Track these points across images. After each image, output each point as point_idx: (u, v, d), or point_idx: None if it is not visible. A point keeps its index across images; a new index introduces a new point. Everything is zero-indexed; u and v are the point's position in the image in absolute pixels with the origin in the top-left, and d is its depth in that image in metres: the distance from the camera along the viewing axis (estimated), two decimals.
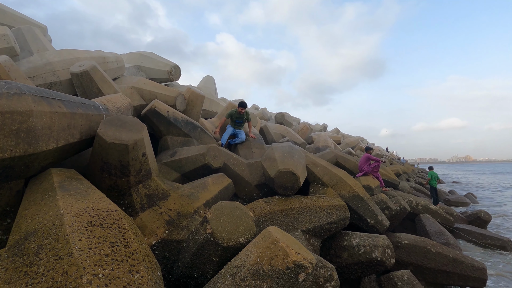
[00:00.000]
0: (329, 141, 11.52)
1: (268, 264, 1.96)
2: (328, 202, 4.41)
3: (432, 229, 7.23)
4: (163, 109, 5.21)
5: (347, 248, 4.23)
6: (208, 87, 9.58)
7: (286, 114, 11.80)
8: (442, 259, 5.30)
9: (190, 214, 3.21)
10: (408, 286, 3.89)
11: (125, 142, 2.81)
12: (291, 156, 4.74)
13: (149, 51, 7.83)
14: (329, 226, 4.20)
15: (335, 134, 16.69)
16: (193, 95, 6.19)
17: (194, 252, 2.49)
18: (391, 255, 4.12)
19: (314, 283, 2.96)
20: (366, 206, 5.33)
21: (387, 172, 11.67)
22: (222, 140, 6.18)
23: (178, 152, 4.91)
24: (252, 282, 1.93)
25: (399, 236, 5.66)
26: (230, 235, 2.39)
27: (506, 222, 11.63)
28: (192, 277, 2.56)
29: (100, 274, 1.60)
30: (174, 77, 7.08)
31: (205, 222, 2.49)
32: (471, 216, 9.90)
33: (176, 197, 3.33)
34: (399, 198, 6.88)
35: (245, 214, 2.55)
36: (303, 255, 1.99)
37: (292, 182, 4.30)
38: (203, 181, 3.91)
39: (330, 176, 5.72)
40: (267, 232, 2.14)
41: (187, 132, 5.39)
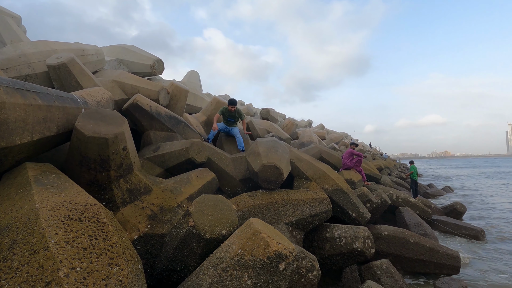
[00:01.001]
0: (313, 136, 11.68)
1: (250, 254, 1.99)
2: (311, 195, 4.50)
3: (411, 221, 7.50)
4: (146, 104, 5.12)
5: (329, 240, 4.34)
6: (193, 82, 9.46)
7: (272, 110, 11.86)
8: (419, 249, 5.53)
9: (173, 209, 3.20)
10: (387, 274, 4.04)
11: (104, 136, 2.75)
12: (275, 151, 4.79)
13: (131, 44, 7.63)
14: (312, 218, 4.29)
15: (319, 130, 16.94)
16: (177, 89, 6.11)
17: (177, 245, 2.48)
18: (371, 245, 4.26)
19: (297, 273, 3.03)
20: (348, 199, 5.47)
21: (369, 166, 11.99)
22: (209, 135, 6.13)
23: (161, 147, 4.85)
24: (234, 272, 1.96)
25: (380, 228, 5.84)
26: (212, 227, 2.40)
27: (479, 213, 12.23)
28: (174, 271, 2.56)
29: (77, 268, 1.57)
30: (157, 71, 6.95)
31: (187, 215, 2.49)
32: (447, 208, 10.35)
33: (158, 192, 3.30)
34: (380, 191, 7.09)
35: (227, 207, 2.57)
36: (284, 245, 2.03)
37: (276, 176, 4.35)
38: (186, 175, 3.89)
39: (313, 171, 5.81)
40: (248, 224, 2.17)
41: (170, 127, 5.32)
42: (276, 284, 1.95)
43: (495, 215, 11.90)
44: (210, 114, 7.22)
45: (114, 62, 6.90)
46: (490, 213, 12.36)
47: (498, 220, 10.99)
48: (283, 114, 17.69)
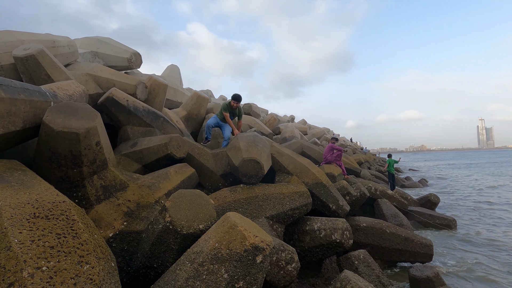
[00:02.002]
0: (295, 131, 11.79)
1: (227, 248, 1.98)
2: (292, 189, 4.54)
3: (388, 212, 7.77)
4: (122, 98, 4.96)
5: (309, 232, 4.41)
6: (173, 76, 9.25)
7: (254, 105, 11.84)
8: (395, 239, 5.74)
9: (150, 205, 3.13)
10: (364, 264, 4.16)
11: (75, 131, 2.64)
12: (256, 145, 4.79)
13: (108, 37, 7.34)
14: (292, 212, 4.34)
15: (302, 125, 17.13)
16: (155, 83, 5.95)
17: (153, 241, 2.43)
18: (349, 236, 4.37)
19: (276, 265, 3.06)
20: (328, 192, 5.58)
21: (349, 161, 12.27)
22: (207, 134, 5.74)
23: (139, 143, 4.72)
24: (211, 266, 1.94)
25: (358, 220, 6.01)
26: (189, 222, 2.37)
27: (452, 203, 12.88)
28: (151, 267, 2.51)
29: (43, 267, 1.50)
30: (135, 64, 6.72)
31: (164, 211, 2.44)
32: (422, 199, 10.79)
33: (135, 188, 3.21)
34: (359, 184, 7.28)
35: (205, 202, 2.54)
36: (261, 238, 2.04)
37: (256, 170, 4.36)
38: (165, 171, 3.81)
39: (295, 165, 5.87)
40: (226, 218, 2.16)
41: (148, 122, 5.19)
42: (253, 276, 1.96)
43: (465, 204, 12.58)
44: (191, 109, 7.10)
45: (89, 54, 6.61)
46: (460, 203, 13.05)
47: (467, 209, 11.64)
48: (266, 109, 17.73)
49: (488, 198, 14.09)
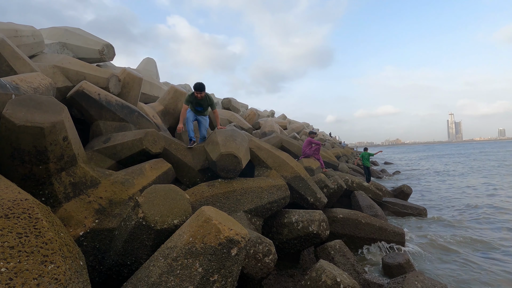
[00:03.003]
0: (275, 126, 11.86)
1: (201, 242, 1.96)
2: (270, 182, 4.58)
3: (364, 203, 8.05)
4: (93, 91, 4.74)
5: (287, 225, 4.47)
6: (149, 70, 8.96)
7: (233, 100, 11.76)
8: (370, 228, 5.96)
9: (123, 201, 3.03)
10: (340, 253, 4.29)
11: (39, 125, 2.49)
12: (234, 140, 4.77)
13: (77, 27, 6.96)
14: (270, 205, 4.37)
15: (281, 120, 17.25)
16: (129, 77, 5.73)
17: (126, 238, 2.37)
18: (326, 227, 4.49)
19: (253, 258, 3.09)
20: (306, 185, 5.68)
21: (328, 154, 12.54)
22: (189, 133, 5.11)
23: (112, 138, 4.55)
24: (185, 261, 1.92)
25: (335, 211, 6.18)
26: (163, 217, 2.32)
27: (422, 193, 13.57)
28: (125, 265, 2.44)
29: (2, 268, 1.42)
30: (107, 57, 6.43)
31: (136, 207, 2.38)
32: (396, 190, 11.28)
33: (107, 184, 3.10)
34: (336, 177, 7.47)
35: (180, 196, 2.50)
36: (236, 231, 2.04)
37: (234, 164, 4.34)
38: (139, 166, 3.71)
39: (273, 159, 5.92)
40: (200, 212, 2.14)
41: (122, 117, 5.01)
42: (228, 269, 1.96)
43: (434, 194, 13.31)
44: (168, 104, 6.93)
45: (56, 46, 6.24)
46: (430, 193, 13.77)
47: (437, 198, 12.32)
48: (246, 104, 17.69)
49: (455, 186, 14.98)
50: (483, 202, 11.25)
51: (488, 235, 7.30)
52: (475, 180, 17.77)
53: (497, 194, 12.85)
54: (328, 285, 2.74)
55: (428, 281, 3.43)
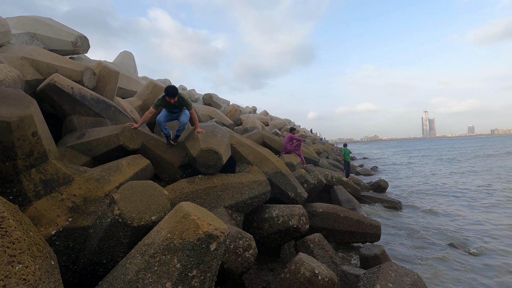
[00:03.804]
0: (257, 122, 11.88)
1: (179, 237, 1.94)
2: (250, 178, 4.59)
3: (343, 198, 8.27)
4: (66, 85, 4.53)
5: (268, 220, 4.52)
6: (126, 64, 8.66)
7: (214, 96, 11.64)
8: (348, 222, 6.14)
9: (99, 199, 2.94)
10: (319, 246, 4.40)
11: (6, 119, 2.35)
12: (214, 135, 4.73)
13: (48, 17, 6.58)
14: (251, 200, 4.40)
15: (263, 116, 17.30)
16: (105, 70, 5.51)
17: (102, 236, 2.30)
18: (306, 221, 4.58)
19: (234, 253, 3.10)
20: (287, 181, 5.75)
21: (309, 150, 12.75)
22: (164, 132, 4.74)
23: (87, 134, 4.38)
24: (163, 257, 1.90)
25: (315, 206, 6.30)
26: (141, 214, 2.27)
27: (398, 187, 14.14)
28: (100, 264, 2.38)
29: None
30: (81, 49, 6.14)
31: (112, 204, 2.31)
32: (373, 184, 11.68)
33: (81, 182, 2.99)
34: (316, 172, 7.62)
35: (158, 192, 2.46)
36: (215, 226, 2.03)
37: (214, 160, 4.32)
38: (116, 163, 3.60)
39: (255, 155, 5.94)
40: (178, 207, 2.11)
41: (98, 112, 4.82)
42: (207, 264, 1.95)
43: (409, 188, 13.90)
44: (147, 99, 6.75)
45: (25, 36, 5.88)
46: (405, 187, 14.37)
47: (411, 191, 12.89)
48: (227, 100, 17.54)
49: (428, 181, 15.72)
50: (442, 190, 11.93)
51: (445, 223, 7.76)
52: (442, 172, 18.77)
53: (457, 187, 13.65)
54: (307, 277, 2.80)
55: (401, 270, 3.60)
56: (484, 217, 8.59)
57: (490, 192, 11.90)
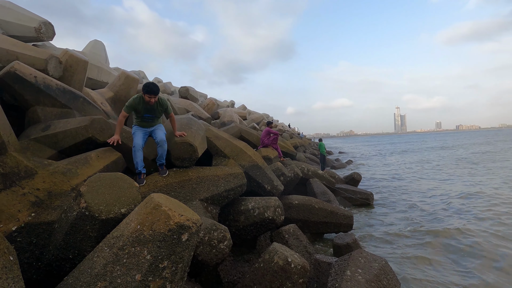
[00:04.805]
0: (234, 116, 11.83)
1: (149, 229, 1.91)
2: (226, 171, 4.58)
3: (318, 190, 8.49)
4: (28, 73, 4.24)
5: (244, 212, 4.55)
6: (96, 53, 8.23)
7: (191, 89, 11.42)
8: (322, 213, 6.33)
9: (65, 193, 2.81)
10: (293, 237, 4.50)
11: None
12: (189, 128, 4.66)
13: (7, 0, 6.09)
14: (227, 193, 4.40)
15: (241, 110, 17.25)
16: (72, 59, 5.22)
17: (67, 230, 2.20)
18: (281, 213, 4.65)
19: (208, 245, 3.10)
20: (263, 174, 5.81)
21: (286, 144, 12.91)
22: (137, 165, 3.79)
23: (52, 126, 4.15)
24: (132, 249, 1.85)
25: (291, 198, 6.43)
26: (109, 207, 2.20)
27: (369, 179, 14.76)
28: (67, 259, 2.28)
29: None
30: (46, 36, 5.75)
31: (78, 197, 2.22)
32: (347, 177, 12.08)
33: (46, 175, 2.84)
34: (293, 166, 7.74)
35: (128, 185, 2.39)
36: (187, 217, 2.02)
37: (189, 153, 4.26)
38: (84, 155, 3.45)
39: (231, 148, 5.93)
40: (149, 199, 2.07)
41: (65, 103, 4.57)
42: (179, 255, 1.94)
43: (379, 181, 14.56)
44: (118, 90, 6.49)
45: None
46: (376, 180, 15.03)
47: (381, 184, 13.50)
48: (205, 93, 17.27)
49: (397, 174, 16.53)
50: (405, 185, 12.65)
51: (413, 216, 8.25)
52: (408, 164, 19.84)
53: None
54: (280, 265, 2.86)
55: (370, 256, 3.77)
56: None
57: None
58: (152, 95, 3.72)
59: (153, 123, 4.07)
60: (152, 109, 3.91)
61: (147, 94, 3.72)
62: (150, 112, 3.93)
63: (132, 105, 3.81)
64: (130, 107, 3.82)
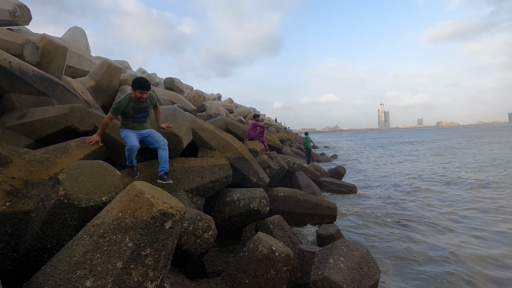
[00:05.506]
0: (221, 109, 11.74)
1: (131, 216, 1.87)
2: (212, 162, 4.55)
3: (303, 183, 8.60)
4: (2, 58, 4.03)
5: (229, 203, 4.55)
6: (77, 41, 7.90)
7: (177, 80, 11.20)
8: (307, 205, 6.43)
9: (43, 182, 2.70)
10: (278, 227, 4.55)
11: None
12: (174, 118, 4.58)
13: None
14: (212, 184, 4.37)
15: (228, 104, 17.13)
16: (50, 45, 4.98)
17: (45, 219, 2.13)
18: (266, 204, 4.68)
19: (193, 235, 3.08)
20: (249, 166, 5.81)
21: (273, 138, 12.96)
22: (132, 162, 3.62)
23: (29, 114, 3.97)
24: (113, 237, 1.81)
25: (277, 190, 6.48)
26: (89, 195, 2.14)
27: (353, 172, 15.10)
28: (44, 249, 2.21)
29: None
30: (21, 20, 5.45)
31: (56, 184, 2.14)
32: (332, 171, 12.30)
33: (21, 163, 2.72)
34: (279, 159, 7.79)
35: (110, 173, 2.33)
36: (170, 204, 1.99)
37: (174, 143, 4.19)
38: (63, 144, 3.32)
39: (217, 140, 5.89)
40: (131, 186, 2.02)
41: (42, 90, 4.38)
42: (162, 242, 1.91)
43: (362, 174, 14.92)
44: (100, 79, 6.28)
45: None
46: (360, 173, 15.39)
47: (364, 176, 13.84)
48: (191, 86, 16.99)
49: (381, 168, 17.00)
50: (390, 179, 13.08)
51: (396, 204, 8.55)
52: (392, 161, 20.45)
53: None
54: (264, 254, 2.89)
55: (352, 245, 3.88)
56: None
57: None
58: (144, 90, 3.43)
59: (145, 125, 3.77)
60: (142, 108, 3.61)
61: (138, 90, 3.41)
62: (140, 111, 3.61)
63: (120, 107, 3.46)
64: (118, 109, 3.48)
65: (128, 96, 3.51)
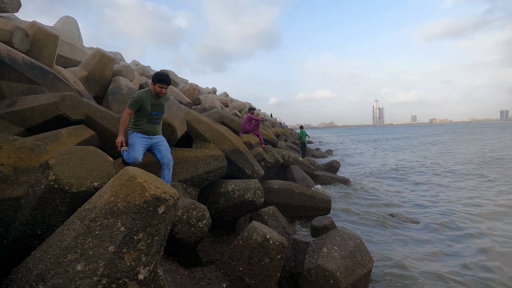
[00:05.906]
0: (216, 102, 11.66)
1: (124, 201, 1.84)
2: (206, 153, 4.53)
3: (298, 176, 8.63)
4: None
5: (223, 194, 4.53)
6: (68, 30, 7.72)
7: (171, 73, 11.08)
8: (302, 197, 6.45)
9: (33, 169, 2.65)
10: (273, 218, 4.56)
11: None
12: (168, 108, 4.53)
13: None
14: (207, 175, 4.35)
15: (223, 97, 17.04)
16: (41, 33, 4.86)
17: (35, 205, 2.09)
18: (261, 195, 4.68)
19: (187, 223, 3.06)
20: (244, 158, 5.79)
21: (268, 133, 12.94)
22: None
23: (19, 102, 3.89)
24: (105, 221, 1.79)
25: (271, 183, 6.49)
26: (81, 180, 2.10)
27: (348, 167, 15.21)
28: (35, 235, 2.17)
29: None
30: (10, 6, 5.29)
31: (46, 169, 2.10)
32: (327, 165, 12.37)
33: (11, 150, 2.66)
34: (274, 152, 7.79)
35: (101, 158, 2.29)
36: (163, 189, 1.97)
37: (168, 134, 4.15)
38: (54, 132, 3.26)
39: (212, 132, 5.85)
40: (123, 171, 1.99)
41: (33, 78, 4.28)
42: (155, 227, 1.89)
43: (357, 168, 15.04)
44: (93, 69, 6.16)
45: None
46: (354, 167, 15.51)
47: (358, 170, 13.95)
48: (186, 79, 16.84)
49: (375, 162, 17.15)
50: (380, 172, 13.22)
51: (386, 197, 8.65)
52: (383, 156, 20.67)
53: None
54: (259, 242, 2.89)
55: (346, 235, 3.91)
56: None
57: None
58: (164, 84, 3.20)
59: (158, 127, 3.46)
60: (159, 105, 3.36)
61: (158, 84, 3.17)
62: (157, 108, 3.35)
63: (138, 100, 3.16)
64: (136, 102, 3.16)
65: (148, 90, 3.28)
